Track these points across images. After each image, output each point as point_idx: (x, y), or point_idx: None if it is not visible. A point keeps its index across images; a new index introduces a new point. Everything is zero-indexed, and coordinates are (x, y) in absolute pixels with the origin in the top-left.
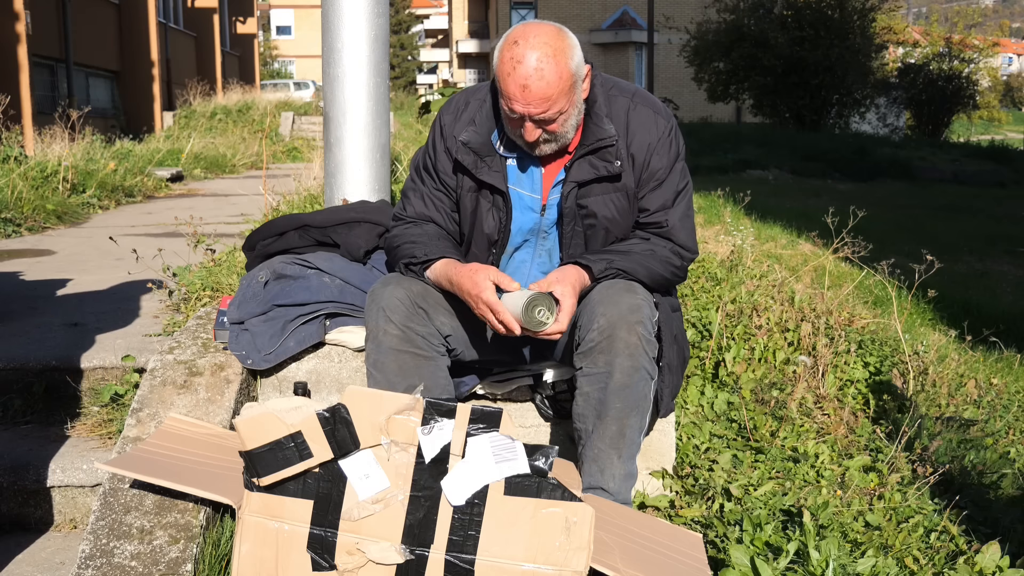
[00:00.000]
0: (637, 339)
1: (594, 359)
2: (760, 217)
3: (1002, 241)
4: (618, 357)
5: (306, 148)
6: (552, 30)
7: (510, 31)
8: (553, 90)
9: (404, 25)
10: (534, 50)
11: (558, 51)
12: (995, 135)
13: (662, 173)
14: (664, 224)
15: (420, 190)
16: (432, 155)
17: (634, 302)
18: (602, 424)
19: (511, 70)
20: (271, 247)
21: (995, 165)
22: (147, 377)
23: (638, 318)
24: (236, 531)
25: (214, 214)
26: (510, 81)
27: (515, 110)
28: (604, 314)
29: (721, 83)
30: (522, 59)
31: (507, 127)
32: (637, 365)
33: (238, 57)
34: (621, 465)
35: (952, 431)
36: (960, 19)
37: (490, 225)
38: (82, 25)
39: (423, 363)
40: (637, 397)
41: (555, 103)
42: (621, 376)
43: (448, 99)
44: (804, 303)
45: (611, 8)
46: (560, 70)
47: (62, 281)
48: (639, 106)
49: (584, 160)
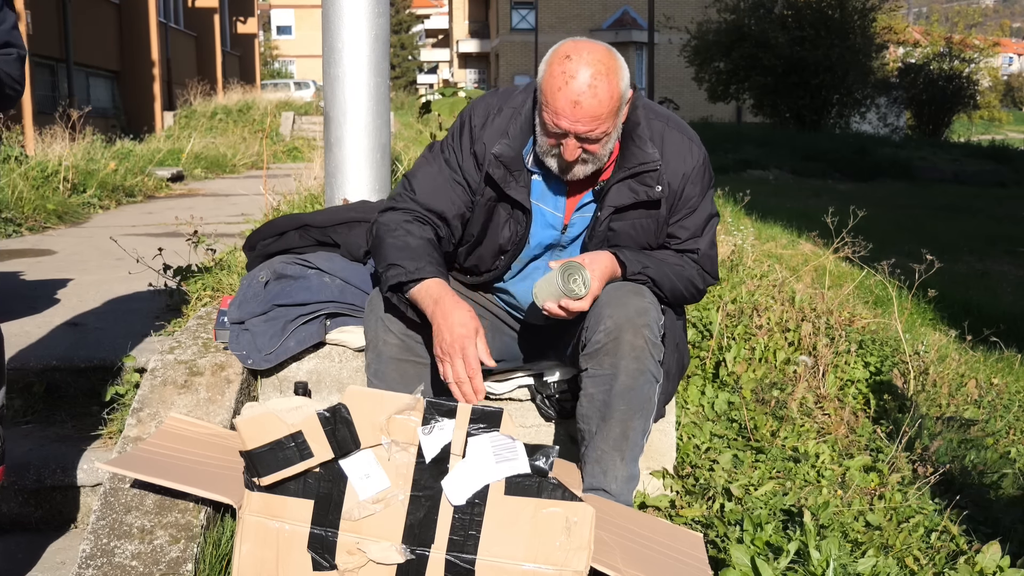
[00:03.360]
0: (643, 342)
1: (599, 361)
2: (760, 217)
3: (1002, 241)
4: (624, 359)
5: (306, 148)
6: (604, 49)
7: (559, 46)
8: (604, 109)
9: (404, 25)
10: (588, 67)
11: (611, 70)
12: (995, 135)
13: (695, 202)
14: (695, 252)
15: (434, 176)
16: (457, 150)
17: (641, 305)
18: (606, 426)
19: (562, 84)
20: (271, 247)
21: (995, 165)
22: (148, 377)
23: (645, 321)
24: (237, 531)
25: (214, 214)
26: (560, 96)
27: (560, 126)
28: (611, 316)
29: (721, 83)
30: (575, 74)
31: (542, 143)
32: (642, 368)
33: (238, 57)
34: (624, 467)
35: (953, 431)
36: (960, 19)
37: (504, 236)
38: (82, 25)
39: (424, 370)
40: (641, 400)
41: (603, 123)
42: (626, 378)
43: (481, 97)
44: (804, 303)
45: (611, 8)
46: (612, 89)
47: (63, 281)
48: (674, 132)
49: (623, 184)
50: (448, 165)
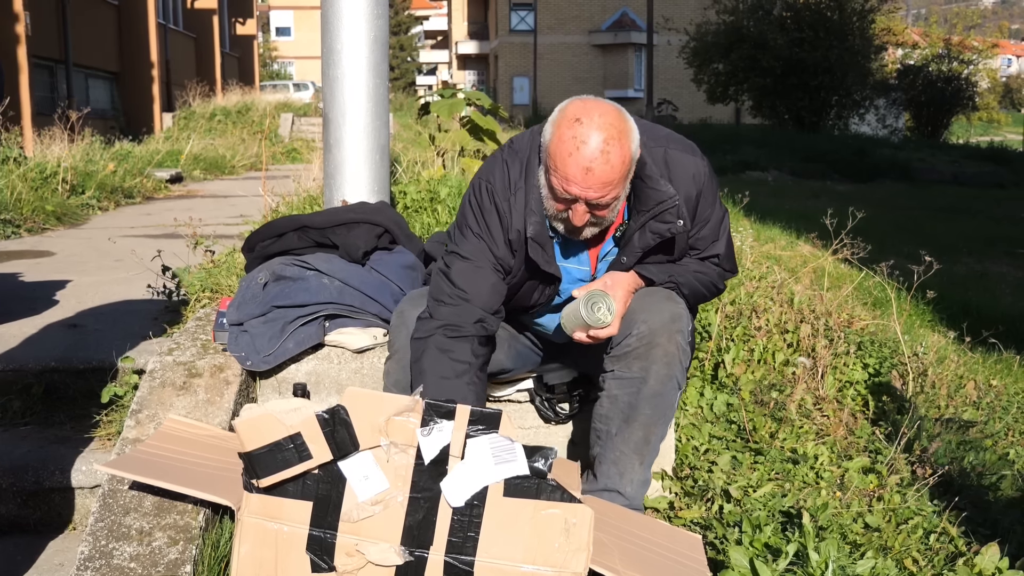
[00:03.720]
0: (676, 348)
1: (628, 364)
2: (759, 218)
3: (1001, 242)
4: (655, 364)
5: (305, 149)
6: (614, 110)
7: (567, 107)
8: (616, 175)
9: (403, 26)
10: (600, 131)
11: (622, 133)
12: (994, 136)
13: (709, 213)
14: (716, 258)
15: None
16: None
17: (676, 311)
18: (628, 429)
19: (573, 150)
20: (270, 248)
21: (994, 166)
22: (146, 378)
23: (679, 327)
24: (235, 532)
25: (213, 215)
26: (571, 162)
27: (571, 192)
28: (646, 321)
29: (720, 84)
30: (587, 139)
31: (549, 207)
32: (671, 374)
33: (237, 58)
34: (641, 471)
35: (951, 432)
36: (959, 20)
37: (535, 298)
38: (82, 26)
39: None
40: (666, 406)
41: (615, 188)
42: (656, 384)
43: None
44: (803, 304)
45: (610, 9)
46: (624, 154)
47: (61, 282)
48: (675, 152)
49: (645, 228)
50: (483, 254)
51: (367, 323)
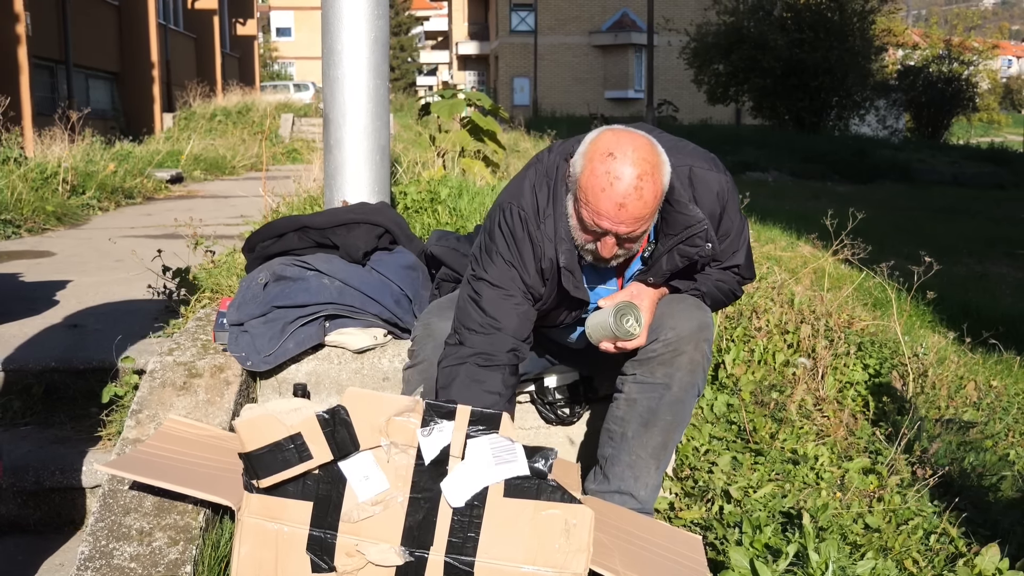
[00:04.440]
0: (701, 357)
1: (652, 369)
2: (760, 219)
3: (1001, 243)
4: (679, 371)
5: (306, 150)
6: (647, 144)
7: (599, 138)
8: (649, 210)
9: (404, 27)
10: (634, 167)
11: (656, 168)
12: (994, 137)
13: (730, 227)
14: (737, 267)
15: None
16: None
17: (704, 319)
18: (647, 433)
19: (606, 185)
20: (270, 249)
21: (994, 167)
22: (146, 379)
23: (706, 336)
24: (235, 533)
25: (214, 216)
26: (604, 197)
27: (602, 227)
28: (673, 328)
29: (721, 85)
30: (620, 176)
31: (577, 237)
32: (694, 382)
33: (238, 59)
34: (656, 476)
35: (952, 433)
36: (960, 21)
37: (560, 319)
38: (82, 27)
39: None
40: (685, 413)
41: (645, 223)
42: (679, 391)
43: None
44: (803, 305)
45: (610, 10)
46: (657, 190)
47: (62, 282)
48: (699, 170)
49: (673, 252)
50: (514, 282)
51: (367, 323)
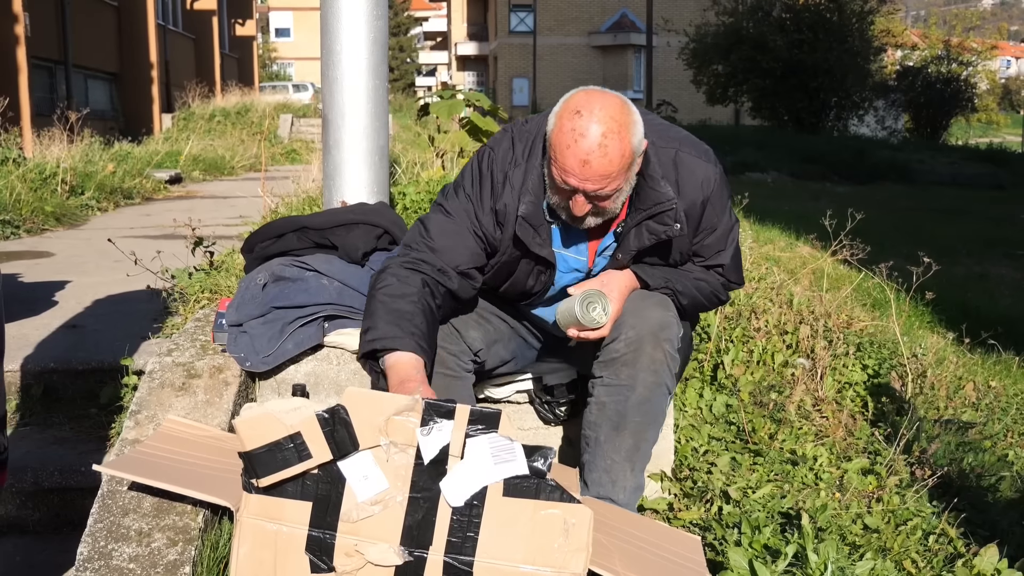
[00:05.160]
0: (663, 355)
1: (616, 371)
2: (759, 219)
3: (1000, 244)
4: (642, 372)
5: (305, 150)
6: (617, 102)
7: (570, 98)
8: (614, 168)
9: (403, 27)
10: (599, 124)
11: (623, 127)
12: (993, 138)
13: (716, 221)
14: (721, 268)
15: (452, 226)
16: (476, 200)
17: (664, 318)
18: (618, 436)
19: (571, 143)
20: (269, 249)
21: (993, 168)
22: (145, 379)
23: (667, 335)
24: (234, 533)
25: (213, 216)
26: (569, 155)
27: (569, 183)
28: (633, 326)
29: (720, 86)
30: (585, 132)
31: (552, 195)
32: (659, 381)
33: (237, 59)
34: (632, 478)
35: (950, 434)
36: (958, 22)
37: (529, 285)
38: (81, 27)
39: (451, 382)
40: (655, 412)
41: (613, 181)
42: (643, 391)
43: (500, 141)
44: (803, 305)
45: (610, 11)
46: (623, 147)
47: (60, 283)
48: (687, 156)
49: (641, 227)
50: (467, 215)
51: None
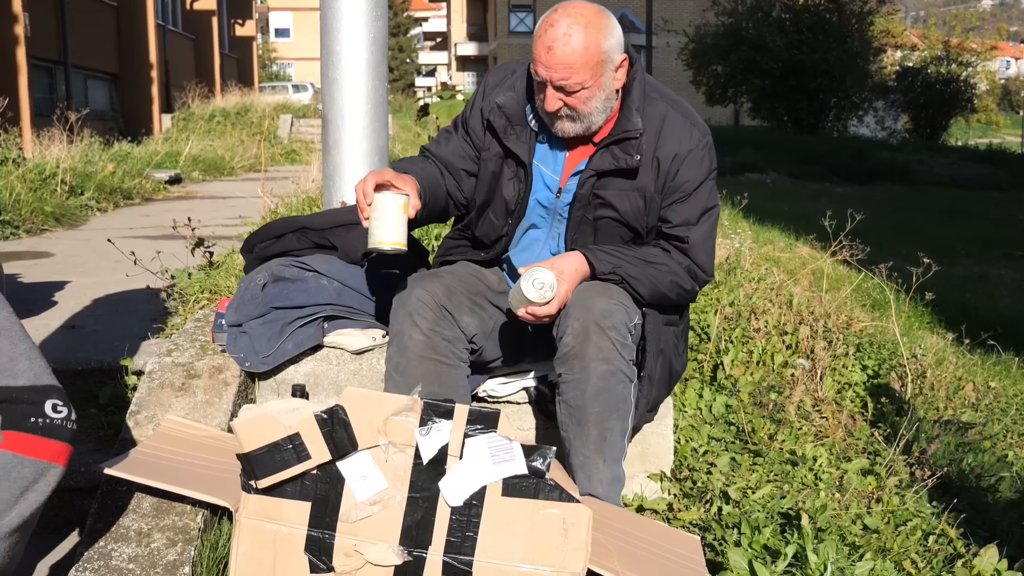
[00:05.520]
0: (610, 343)
1: (570, 365)
2: (758, 220)
3: (1000, 244)
4: (593, 361)
5: (304, 150)
6: (594, 8)
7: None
8: (576, 58)
9: (403, 28)
10: (567, 17)
11: (591, 24)
12: (993, 138)
13: (689, 186)
14: (686, 240)
15: (447, 138)
16: (468, 111)
17: (606, 307)
18: (583, 430)
19: (542, 32)
20: (269, 250)
21: (993, 168)
22: (145, 379)
23: (611, 323)
24: (233, 533)
25: (212, 216)
26: (538, 43)
27: (539, 73)
28: (577, 318)
29: (719, 86)
30: (554, 23)
31: (536, 96)
32: (613, 368)
33: (236, 59)
34: (607, 469)
35: (950, 434)
36: (958, 22)
37: (509, 193)
38: (81, 27)
39: (445, 370)
40: (615, 400)
41: (576, 73)
42: (597, 380)
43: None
44: (802, 306)
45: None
46: (588, 41)
47: (60, 283)
48: (677, 114)
49: (607, 151)
50: (460, 126)
51: (366, 324)
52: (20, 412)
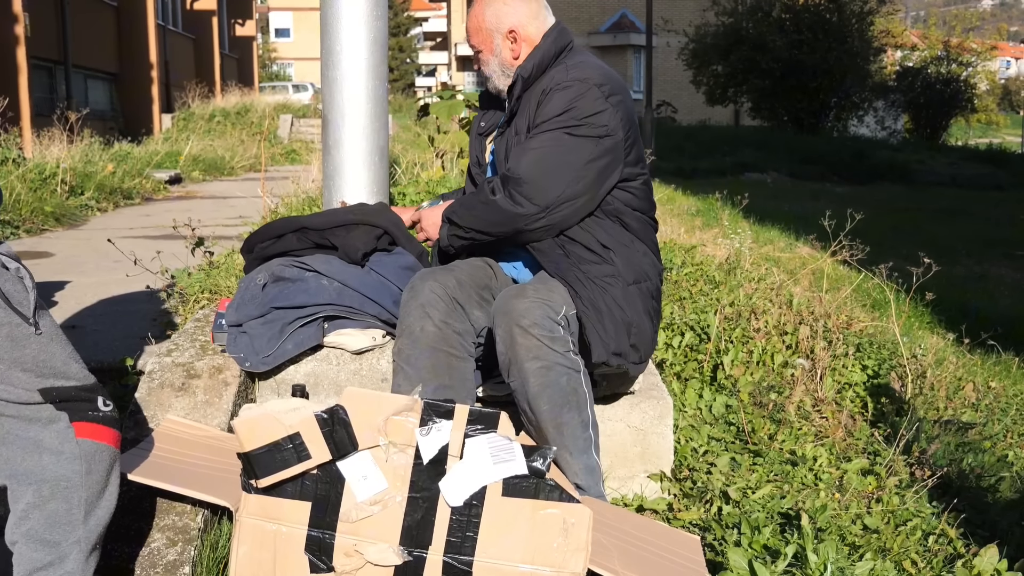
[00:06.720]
0: (535, 340)
1: (511, 373)
2: (758, 220)
3: (1000, 244)
4: (525, 362)
5: (304, 150)
6: None
7: None
8: (473, 24)
9: (403, 28)
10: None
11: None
12: (993, 138)
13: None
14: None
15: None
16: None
17: (523, 306)
18: (542, 430)
19: None
20: (269, 249)
21: (993, 168)
22: (145, 379)
23: (530, 320)
24: (234, 533)
25: (212, 216)
26: None
27: None
28: (500, 325)
29: (720, 86)
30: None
31: None
32: (547, 364)
33: (237, 59)
34: (576, 460)
35: (950, 434)
36: (958, 22)
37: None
38: (81, 27)
39: (455, 363)
40: (563, 393)
41: (473, 37)
42: (535, 379)
43: None
44: (802, 306)
45: (609, 11)
46: (480, 13)
47: (60, 283)
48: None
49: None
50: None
51: (366, 324)
52: (81, 408)
